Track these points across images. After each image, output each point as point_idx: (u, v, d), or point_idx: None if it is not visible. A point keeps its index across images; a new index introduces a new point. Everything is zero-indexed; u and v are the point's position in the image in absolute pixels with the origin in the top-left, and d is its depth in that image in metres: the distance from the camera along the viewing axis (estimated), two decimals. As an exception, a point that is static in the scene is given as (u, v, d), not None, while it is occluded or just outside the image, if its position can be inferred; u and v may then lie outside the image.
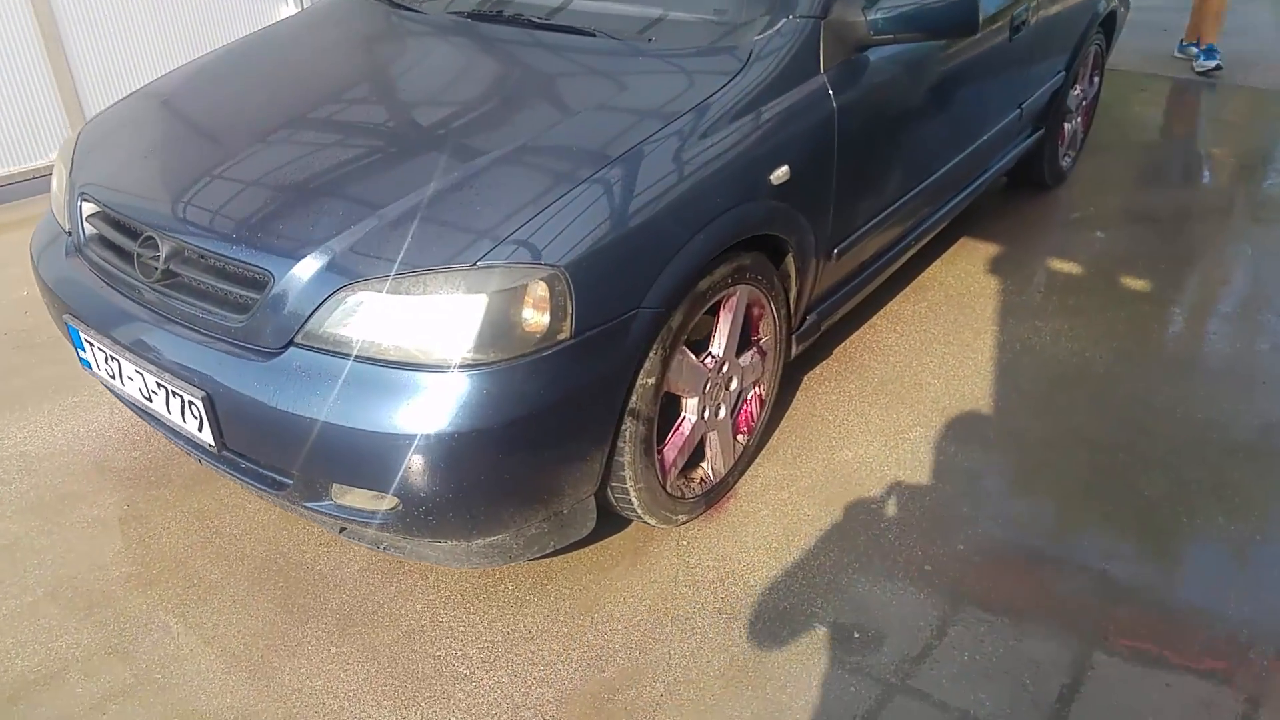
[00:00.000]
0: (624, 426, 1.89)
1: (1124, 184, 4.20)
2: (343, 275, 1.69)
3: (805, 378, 2.83)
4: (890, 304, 3.22)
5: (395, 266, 1.67)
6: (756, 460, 2.46)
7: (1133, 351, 2.95)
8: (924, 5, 2.23)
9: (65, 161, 2.29)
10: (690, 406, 2.11)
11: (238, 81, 2.42)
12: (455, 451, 1.65)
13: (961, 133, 2.94)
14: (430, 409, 1.64)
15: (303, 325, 1.71)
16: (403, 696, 1.82)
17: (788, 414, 2.65)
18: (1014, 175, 4.06)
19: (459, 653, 1.90)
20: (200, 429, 1.85)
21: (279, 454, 1.80)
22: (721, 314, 2.11)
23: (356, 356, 1.68)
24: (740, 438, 2.34)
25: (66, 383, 2.77)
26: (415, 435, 1.63)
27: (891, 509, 2.29)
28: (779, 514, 2.28)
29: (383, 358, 1.67)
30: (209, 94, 2.38)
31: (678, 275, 1.87)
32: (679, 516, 2.17)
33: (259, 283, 1.76)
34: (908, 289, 3.33)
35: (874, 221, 2.56)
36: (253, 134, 2.09)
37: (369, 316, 1.68)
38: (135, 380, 1.95)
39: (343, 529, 1.92)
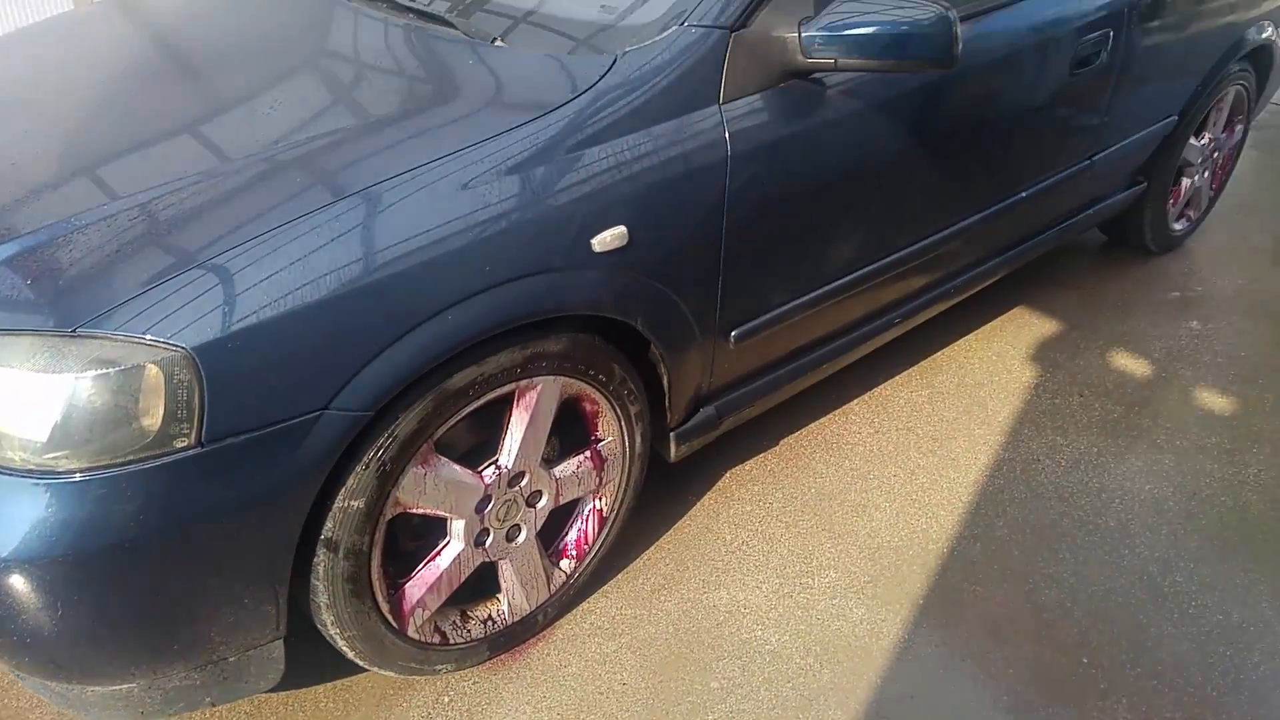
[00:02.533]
0: (316, 560, 1.41)
1: (1254, 261, 3.30)
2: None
3: (728, 474, 2.24)
4: (880, 387, 2.56)
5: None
6: (605, 589, 1.91)
7: (1165, 503, 2.18)
8: (881, 24, 1.60)
9: None
10: (456, 531, 1.59)
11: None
12: (19, 581, 1.22)
13: (965, 191, 2.22)
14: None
15: None
16: None
17: (680, 523, 2.09)
18: (1113, 234, 3.26)
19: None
20: None
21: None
22: (514, 412, 1.58)
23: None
24: (563, 564, 1.80)
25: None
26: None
27: (738, 688, 1.71)
28: (590, 673, 1.73)
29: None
30: None
31: (406, 367, 1.35)
32: (440, 666, 1.67)
33: None
34: (914, 368, 2.65)
35: (806, 300, 1.93)
36: None
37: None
38: None
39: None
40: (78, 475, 1.20)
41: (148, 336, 1.20)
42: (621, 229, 1.52)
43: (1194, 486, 2.24)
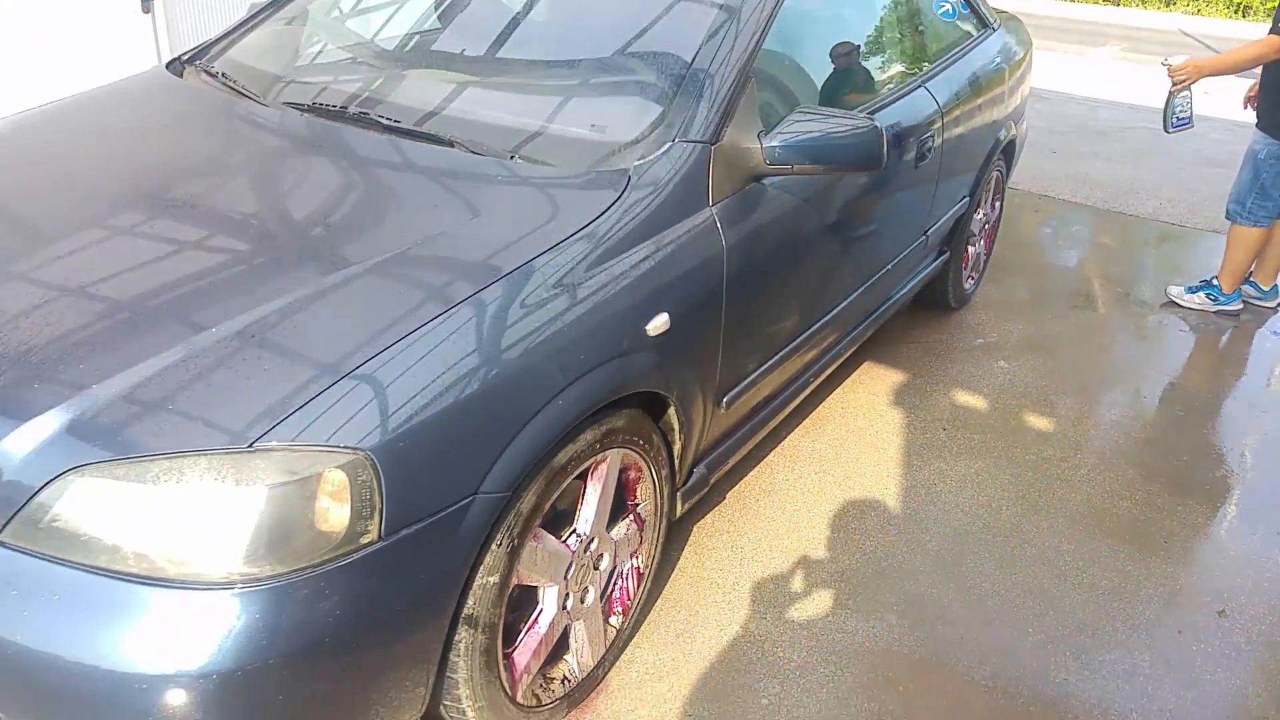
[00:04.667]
0: (458, 638, 1.51)
1: (1024, 309, 4.09)
2: (71, 454, 1.28)
3: (695, 529, 2.50)
4: (788, 439, 2.94)
5: (143, 445, 1.28)
6: (634, 640, 2.09)
7: (1039, 503, 2.72)
8: (827, 137, 2.00)
9: None
10: (549, 598, 1.74)
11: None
12: (221, 697, 1.24)
13: (864, 263, 2.72)
14: (188, 640, 1.24)
15: (11, 518, 1.29)
16: None
17: (673, 576, 2.31)
18: (918, 298, 3.91)
19: None
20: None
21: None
22: (589, 484, 1.77)
23: (85, 566, 1.27)
24: (613, 621, 1.98)
25: None
26: (167, 676, 1.23)
27: (786, 704, 1.95)
28: (658, 713, 1.91)
29: (122, 569, 1.26)
30: None
31: (530, 450, 1.52)
32: (533, 728, 1.79)
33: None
34: (806, 421, 3.06)
35: (769, 364, 2.28)
36: None
37: (105, 511, 1.27)
38: None
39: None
40: (278, 581, 1.26)
41: (328, 443, 1.30)
42: (665, 315, 1.79)
43: (1049, 487, 2.80)
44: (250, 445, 1.28)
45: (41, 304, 1.48)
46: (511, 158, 1.91)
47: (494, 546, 1.51)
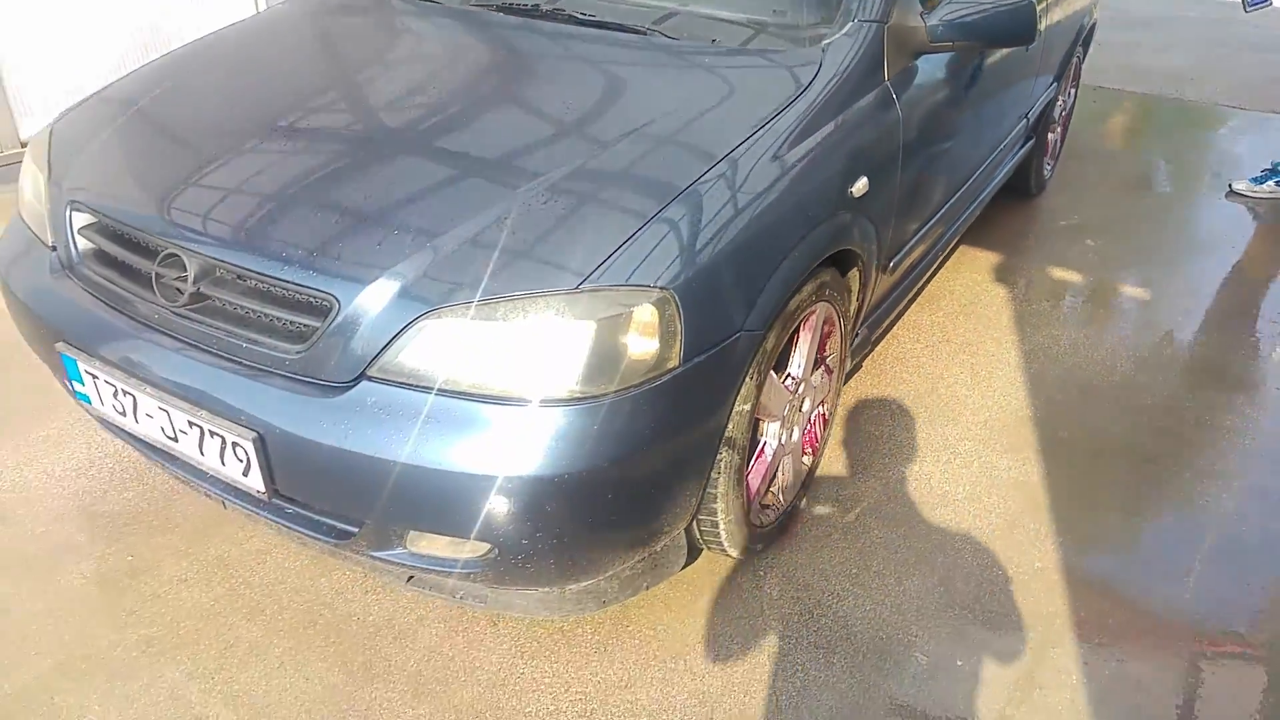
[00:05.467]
0: (719, 456, 1.75)
1: (1098, 191, 4.26)
2: (424, 301, 1.50)
3: (844, 391, 2.73)
4: (907, 314, 3.16)
5: (485, 291, 1.49)
6: (815, 481, 2.34)
7: (1149, 360, 2.95)
8: (986, 13, 2.16)
9: (40, 164, 2.01)
10: (771, 431, 1.98)
11: (244, 78, 2.18)
12: (561, 495, 1.48)
13: (987, 140, 2.90)
14: (535, 449, 1.46)
15: (377, 357, 1.51)
16: (487, 764, 1.64)
17: (834, 431, 2.55)
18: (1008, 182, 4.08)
19: (550, 707, 1.73)
20: (246, 473, 1.63)
21: (346, 500, 1.59)
22: (802, 333, 1.99)
23: (443, 391, 1.50)
24: (805, 459, 2.22)
25: (31, 415, 2.46)
26: (517, 478, 1.46)
27: (961, 528, 2.21)
28: (850, 538, 2.17)
29: (475, 392, 1.48)
30: (212, 92, 2.13)
31: (775, 294, 1.74)
32: (757, 546, 2.04)
33: (320, 310, 1.55)
34: (920, 299, 3.27)
35: (921, 230, 2.48)
36: (280, 139, 1.86)
37: (458, 347, 1.49)
38: (155, 418, 1.71)
39: (410, 578, 1.72)
40: (607, 400, 1.49)
41: (641, 282, 1.51)
42: (865, 179, 1.98)
43: (1157, 347, 3.02)
44: (579, 286, 1.49)
45: (391, 172, 1.70)
46: (713, 42, 2.08)
47: (748, 379, 1.73)
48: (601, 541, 1.59)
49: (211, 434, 1.63)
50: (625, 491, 1.56)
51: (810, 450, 2.23)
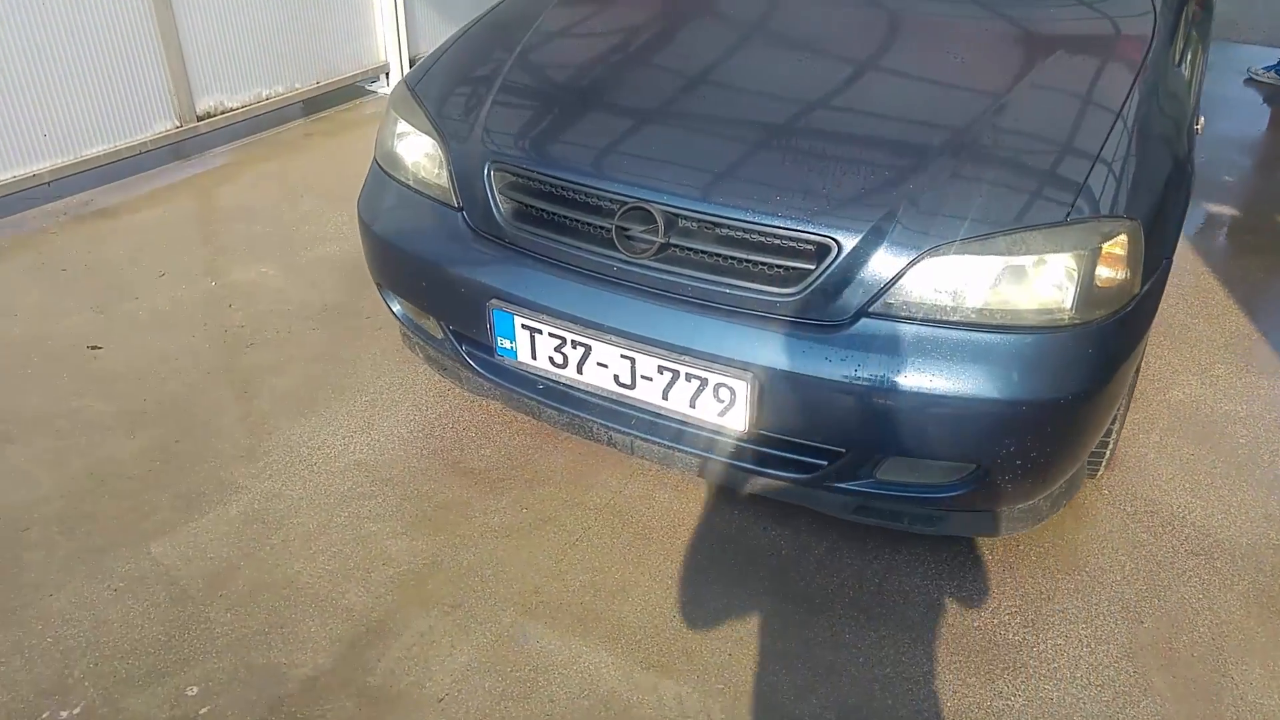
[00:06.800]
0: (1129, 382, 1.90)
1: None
2: (925, 237, 1.62)
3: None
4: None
5: (981, 226, 1.62)
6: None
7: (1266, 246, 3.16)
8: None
9: (421, 126, 2.05)
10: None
11: (650, 27, 2.24)
12: (1061, 416, 1.63)
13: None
14: (1037, 374, 1.60)
15: (879, 295, 1.63)
16: (984, 672, 1.79)
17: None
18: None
19: (991, 621, 1.88)
20: (723, 414, 1.74)
21: (834, 431, 1.71)
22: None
23: (944, 323, 1.62)
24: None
25: (346, 382, 2.54)
26: (1023, 402, 1.60)
27: (1260, 443, 2.39)
28: (1167, 457, 2.33)
29: (976, 322, 1.61)
30: (616, 44, 2.20)
31: (1179, 222, 1.90)
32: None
33: (815, 254, 1.66)
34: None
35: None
36: (714, 88, 1.97)
37: (957, 280, 1.62)
38: (611, 367, 1.80)
39: (858, 508, 1.85)
40: (1095, 324, 1.63)
41: (1118, 213, 1.65)
42: (1203, 118, 2.13)
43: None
44: (1067, 218, 1.62)
45: (846, 119, 1.87)
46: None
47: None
48: (1071, 461, 1.74)
49: (689, 378, 1.73)
50: (1102, 410, 1.71)
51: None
